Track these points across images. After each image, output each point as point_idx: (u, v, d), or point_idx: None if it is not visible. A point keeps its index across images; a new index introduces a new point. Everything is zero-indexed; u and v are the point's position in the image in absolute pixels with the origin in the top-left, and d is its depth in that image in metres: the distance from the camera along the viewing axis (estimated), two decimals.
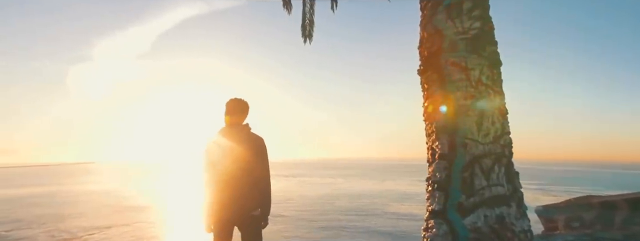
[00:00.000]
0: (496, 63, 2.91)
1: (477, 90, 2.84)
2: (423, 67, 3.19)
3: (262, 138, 2.69)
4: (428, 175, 3.17)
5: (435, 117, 3.06)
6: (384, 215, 12.94)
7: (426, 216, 3.08)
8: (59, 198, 20.84)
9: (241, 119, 2.67)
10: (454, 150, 2.88)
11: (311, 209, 14.75)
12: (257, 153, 2.62)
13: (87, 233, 11.76)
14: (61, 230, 12.26)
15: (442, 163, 2.97)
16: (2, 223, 13.49)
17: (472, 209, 2.73)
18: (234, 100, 2.71)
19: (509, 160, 2.84)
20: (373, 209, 14.33)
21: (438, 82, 3.02)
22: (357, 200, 17.30)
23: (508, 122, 2.93)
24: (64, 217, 14.16)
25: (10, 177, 51.56)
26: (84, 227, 12.47)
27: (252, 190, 2.59)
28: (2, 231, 12.35)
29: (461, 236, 2.69)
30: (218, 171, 2.58)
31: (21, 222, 13.40)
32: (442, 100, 2.99)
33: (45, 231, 12.13)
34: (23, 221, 13.64)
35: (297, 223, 11.54)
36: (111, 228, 12.43)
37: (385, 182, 28.72)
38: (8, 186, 32.93)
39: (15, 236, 11.77)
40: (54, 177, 50.16)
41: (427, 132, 3.21)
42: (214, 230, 2.61)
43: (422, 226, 3.12)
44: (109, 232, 11.90)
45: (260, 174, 2.62)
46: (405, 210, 14.00)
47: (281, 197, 17.80)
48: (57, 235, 11.68)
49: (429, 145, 3.18)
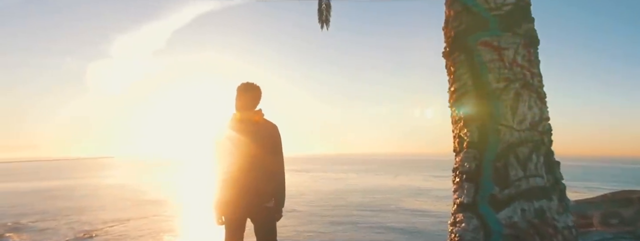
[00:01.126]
0: (533, 41, 2.58)
1: (512, 71, 2.52)
2: (449, 48, 2.88)
3: (276, 126, 2.43)
4: (455, 165, 2.86)
5: (463, 102, 2.74)
6: (397, 211, 12.59)
7: (453, 209, 2.78)
8: (79, 192, 21.16)
9: (253, 105, 2.42)
10: (485, 137, 2.57)
11: (324, 204, 14.50)
12: (270, 142, 2.37)
13: (107, 225, 11.79)
14: (82, 221, 12.33)
15: (471, 152, 2.66)
16: (27, 214, 13.68)
17: (506, 202, 2.42)
18: (245, 84, 2.46)
19: (549, 148, 2.51)
20: (386, 205, 13.98)
21: (466, 64, 2.71)
22: (370, 195, 16.96)
23: (547, 107, 2.59)
24: (85, 210, 14.28)
25: (33, 171, 53.03)
26: (104, 220, 12.52)
27: (264, 180, 2.34)
28: (28, 222, 12.51)
29: (495, 232, 2.39)
30: (229, 160, 2.34)
31: (45, 214, 13.56)
32: (471, 84, 2.68)
33: (67, 222, 12.22)
34: (47, 213, 13.80)
35: (309, 218, 11.30)
36: (129, 221, 12.44)
37: (398, 177, 28.19)
38: (32, 179, 33.79)
39: (40, 227, 11.89)
40: (74, 171, 51.31)
41: (454, 119, 2.90)
42: (225, 222, 2.37)
43: (449, 221, 2.82)
44: (127, 224, 11.91)
45: (274, 163, 2.37)
46: (419, 206, 13.61)
47: (294, 192, 17.62)
48: (78, 226, 11.75)
49: (456, 133, 2.87)
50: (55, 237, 10.65)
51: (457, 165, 2.84)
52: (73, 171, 51.15)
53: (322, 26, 3.78)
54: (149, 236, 10.31)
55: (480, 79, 2.62)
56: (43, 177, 37.79)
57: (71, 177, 36.23)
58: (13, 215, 13.50)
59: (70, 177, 37.35)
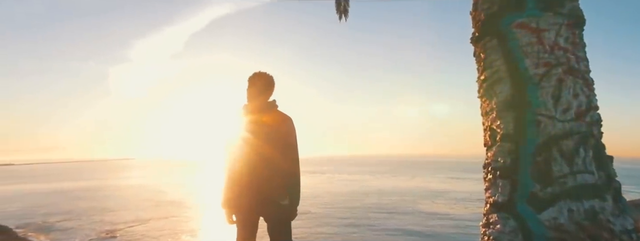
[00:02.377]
0: (578, 22, 2.24)
1: (553, 55, 2.20)
2: (478, 33, 2.57)
3: (290, 118, 2.17)
4: (486, 160, 2.54)
5: (496, 91, 2.43)
6: (413, 213, 12.13)
7: (486, 209, 2.45)
8: (102, 192, 21.48)
9: (266, 96, 2.18)
10: (522, 129, 2.25)
11: (339, 206, 14.15)
12: (282, 135, 2.11)
13: (127, 225, 11.80)
14: (104, 221, 12.39)
15: (505, 145, 2.34)
16: (53, 214, 13.87)
17: (550, 201, 2.09)
18: (257, 74, 2.21)
19: (598, 141, 2.16)
20: (403, 207, 13.52)
21: (499, 50, 2.40)
22: (386, 197, 16.49)
23: (595, 95, 2.24)
24: (107, 210, 14.39)
25: (58, 172, 54.68)
26: (125, 220, 12.54)
27: (278, 176, 2.07)
28: (55, 221, 12.67)
29: (537, 235, 2.06)
30: (238, 155, 2.09)
31: (70, 214, 13.71)
32: (505, 71, 2.37)
33: (91, 222, 12.31)
34: (72, 213, 13.95)
35: (324, 220, 10.99)
36: (150, 221, 12.43)
37: (415, 179, 27.49)
38: (57, 180, 34.73)
39: (64, 226, 12.01)
40: (97, 172, 52.61)
41: (484, 110, 2.58)
42: (236, 222, 2.11)
43: (481, 222, 2.50)
44: (147, 225, 11.89)
45: (287, 158, 2.10)
46: (437, 208, 13.10)
47: (309, 194, 17.33)
48: (100, 226, 11.80)
49: (487, 125, 2.55)
50: (80, 236, 10.70)
51: (488, 160, 2.51)
52: (96, 172, 52.45)
53: (340, 17, 3.53)
54: (168, 236, 10.23)
55: (515, 65, 2.30)
56: (68, 178, 38.80)
57: (94, 178, 37.05)
58: (41, 214, 13.72)
59: (93, 178, 38.21)
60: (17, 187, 27.60)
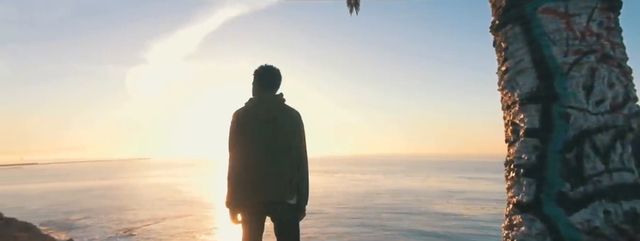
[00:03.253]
0: (614, 5, 2.01)
1: (585, 42, 1.97)
2: (499, 21, 2.37)
3: (298, 112, 2.03)
4: (508, 157, 2.33)
5: (519, 82, 2.22)
6: (427, 214, 11.82)
7: (508, 210, 2.24)
8: (119, 191, 21.91)
9: (274, 89, 2.04)
10: (550, 123, 2.04)
11: (351, 206, 13.94)
12: (292, 129, 1.96)
13: (144, 223, 11.92)
14: (122, 220, 12.55)
15: (530, 141, 2.13)
16: (74, 212, 14.15)
17: (582, 202, 1.87)
18: (265, 67, 2.08)
19: (638, 136, 1.93)
20: (416, 207, 13.21)
21: (522, 38, 2.19)
22: (399, 197, 16.17)
23: (634, 84, 2.00)
24: (125, 208, 14.60)
25: (79, 171, 56.38)
26: (141, 218, 12.67)
27: (285, 173, 1.91)
28: (76, 219, 12.93)
29: (567, 238, 1.85)
30: (246, 149, 1.94)
31: (89, 212, 13.96)
32: (529, 60, 2.16)
33: (108, 220, 12.49)
34: (91, 211, 14.21)
35: (336, 220, 10.81)
36: (166, 220, 12.52)
37: (428, 179, 26.97)
38: (79, 179, 35.74)
39: (84, 224, 12.22)
40: (115, 171, 53.99)
41: (505, 104, 2.37)
42: (242, 221, 1.97)
43: (503, 223, 2.29)
44: (163, 224, 11.97)
45: (296, 153, 1.95)
46: (451, 209, 12.73)
47: (321, 193, 17.17)
48: (118, 224, 11.95)
49: (508, 120, 2.34)
50: (99, 234, 10.86)
51: (510, 157, 2.30)
52: (114, 171, 53.84)
53: (351, 10, 3.36)
54: (183, 234, 10.26)
55: (541, 54, 2.09)
56: (88, 177, 39.92)
57: (112, 177, 37.96)
58: (63, 212, 14.02)
59: (111, 177, 39.16)
60: (41, 186, 28.45)
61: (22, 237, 7.67)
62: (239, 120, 2.00)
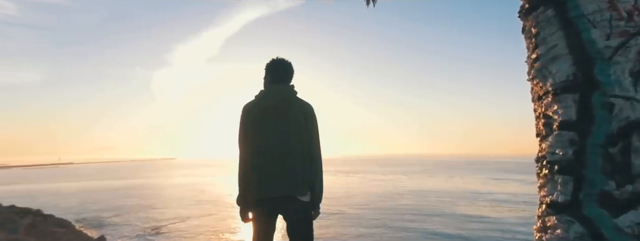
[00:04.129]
0: None
1: (632, 23, 1.74)
2: (529, 4, 2.15)
3: (310, 105, 1.91)
4: (539, 153, 2.11)
5: (552, 69, 2.00)
6: (451, 216, 11.41)
7: (541, 211, 2.03)
8: (146, 190, 22.66)
9: (283, 82, 1.94)
10: (589, 114, 1.81)
11: (373, 207, 13.69)
12: (303, 122, 1.83)
13: (170, 222, 12.22)
14: (149, 218, 12.91)
15: (566, 134, 1.90)
16: (105, 210, 14.72)
17: (630, 202, 1.64)
18: (277, 60, 1.98)
19: None
20: (439, 208, 12.79)
21: (556, 21, 1.97)
22: (422, 198, 15.74)
23: None
24: (151, 207, 15.03)
25: (111, 171, 58.94)
26: (167, 217, 12.99)
27: (296, 167, 1.79)
28: (105, 216, 13.45)
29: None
30: (256, 143, 1.83)
31: (119, 210, 14.47)
32: (564, 46, 1.94)
33: (136, 218, 12.89)
34: (120, 209, 14.72)
35: (357, 221, 10.61)
36: (190, 218, 12.77)
37: (452, 180, 26.16)
38: (109, 178, 37.35)
39: (114, 222, 12.68)
40: (143, 171, 56.04)
41: (536, 95, 2.16)
42: (252, 220, 1.86)
43: (535, 226, 2.07)
44: (188, 222, 12.23)
45: (309, 148, 1.83)
46: (476, 211, 12.23)
47: (343, 193, 17.00)
48: (145, 222, 12.31)
49: (540, 112, 2.12)
50: (127, 232, 11.23)
51: (543, 152, 2.07)
52: (142, 171, 55.93)
53: (368, 3, 3.21)
54: (207, 233, 10.42)
55: (579, 38, 1.86)
56: (118, 176, 41.71)
57: (140, 177, 39.42)
58: (94, 210, 14.63)
59: (139, 176, 40.68)
60: (75, 184, 29.92)
61: (59, 233, 8.00)
62: (248, 113, 1.90)
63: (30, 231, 7.47)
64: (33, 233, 7.42)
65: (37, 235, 7.40)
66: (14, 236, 6.47)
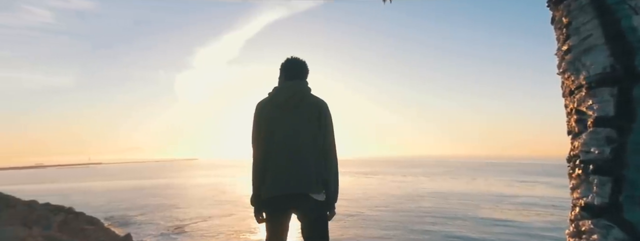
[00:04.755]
0: None
1: None
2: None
3: (324, 102, 1.85)
4: (572, 151, 1.96)
5: (586, 61, 1.85)
6: (475, 219, 11.02)
7: (574, 214, 1.88)
8: (170, 190, 23.28)
9: (297, 80, 1.89)
10: (630, 109, 1.66)
11: (392, 208, 13.44)
12: (316, 118, 1.77)
13: (192, 221, 12.46)
14: (172, 217, 13.22)
15: (602, 131, 1.75)
16: (131, 208, 15.19)
17: None
18: (289, 59, 1.94)
19: None
20: (462, 211, 12.39)
21: (591, 9, 1.83)
22: (444, 200, 15.32)
23: None
24: (175, 206, 15.40)
25: (137, 171, 61.14)
26: (190, 216, 13.26)
27: (309, 164, 1.72)
28: (131, 215, 13.89)
29: None
30: (269, 140, 1.79)
31: (144, 209, 14.90)
32: (599, 35, 1.79)
33: (162, 217, 13.23)
34: (145, 208, 15.15)
35: (376, 223, 10.42)
36: (212, 218, 12.98)
37: (475, 182, 25.35)
38: (136, 178, 38.68)
39: (139, 220, 13.07)
40: (166, 171, 57.78)
41: (567, 89, 2.00)
42: (265, 219, 1.81)
43: (567, 231, 1.92)
44: (210, 222, 12.43)
45: (323, 145, 1.76)
46: (501, 215, 11.76)
47: (361, 195, 16.82)
48: (169, 221, 12.61)
49: (572, 108, 1.97)
50: (152, 230, 11.55)
51: (575, 151, 1.92)
52: (165, 171, 57.66)
53: (384, 0, 3.12)
54: (228, 233, 10.55)
55: (618, 26, 1.71)
56: (143, 176, 43.17)
57: (164, 177, 40.62)
58: (122, 208, 15.15)
59: (163, 176, 41.94)
60: (104, 183, 31.18)
61: (89, 230, 8.30)
62: (261, 110, 1.86)
63: (62, 228, 7.76)
64: (65, 229, 7.71)
65: (68, 231, 7.69)
66: (47, 232, 6.72)
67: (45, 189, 26.07)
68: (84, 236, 7.91)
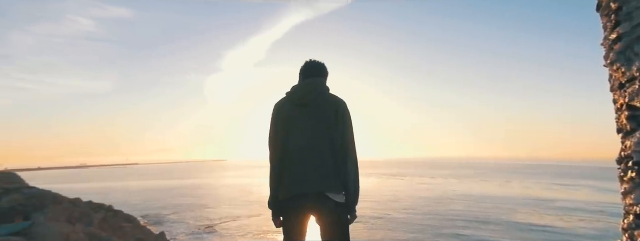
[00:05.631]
0: None
1: None
2: None
3: (343, 101, 1.76)
4: (623, 152, 1.75)
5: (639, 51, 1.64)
6: (508, 224, 10.45)
7: (628, 222, 1.67)
8: (200, 190, 24.02)
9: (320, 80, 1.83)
10: None
11: (422, 211, 13.06)
12: (333, 116, 1.68)
13: (222, 221, 12.76)
14: (203, 217, 13.60)
15: None
16: (165, 208, 15.79)
17: None
18: (309, 61, 1.87)
19: None
20: (495, 215, 11.81)
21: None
22: (477, 204, 14.68)
23: None
24: (205, 206, 15.83)
25: (169, 171, 63.63)
26: (220, 216, 13.57)
27: (326, 163, 1.63)
28: (165, 214, 14.45)
29: None
30: (286, 140, 1.71)
31: (176, 208, 15.44)
32: None
33: (193, 217, 13.65)
34: (178, 207, 15.70)
35: (405, 226, 10.14)
36: (241, 218, 13.22)
37: (510, 184, 24.11)
38: (169, 178, 40.30)
39: (172, 219, 13.55)
40: (196, 171, 59.67)
41: (617, 83, 1.79)
42: (283, 223, 1.72)
43: (619, 240, 1.72)
44: (239, 222, 12.67)
45: (341, 145, 1.67)
46: (540, 220, 11.07)
47: (389, 197, 16.50)
48: (200, 221, 12.99)
49: (623, 103, 1.76)
50: (184, 229, 11.94)
51: (628, 152, 1.71)
52: (196, 172, 59.67)
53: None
54: (256, 233, 10.70)
55: None
56: (175, 176, 44.96)
57: (194, 177, 42.06)
58: (156, 207, 15.79)
59: (193, 177, 43.41)
60: (140, 183, 32.80)
61: (127, 228, 8.67)
62: (279, 110, 1.79)
63: (102, 225, 8.14)
64: (105, 227, 8.08)
65: (108, 228, 8.05)
66: (89, 229, 7.02)
67: (88, 187, 27.76)
68: (122, 234, 8.25)
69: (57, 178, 47.04)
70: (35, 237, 4.26)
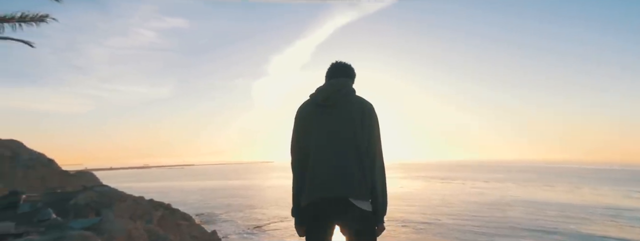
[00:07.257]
0: None
1: None
2: None
3: (369, 103, 1.64)
4: None
5: None
6: (577, 236, 9.40)
7: None
8: (249, 191, 24.90)
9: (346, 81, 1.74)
10: None
11: (476, 218, 12.30)
12: (359, 118, 1.57)
13: (270, 221, 13.07)
14: (252, 217, 14.06)
15: None
16: (217, 207, 16.60)
17: None
18: (336, 63, 1.80)
19: None
20: (562, 225, 10.71)
21: None
22: (538, 211, 13.47)
23: None
24: (254, 206, 16.37)
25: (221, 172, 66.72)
26: (268, 216, 13.94)
27: (351, 167, 1.51)
28: (218, 213, 15.15)
29: None
30: (308, 143, 1.63)
31: (228, 208, 16.16)
32: None
33: (243, 216, 14.17)
34: (229, 207, 16.44)
35: (456, 233, 9.57)
36: (287, 219, 13.51)
37: (578, 190, 21.83)
38: (221, 179, 42.39)
39: (224, 219, 14.18)
40: (245, 172, 61.93)
41: None
42: (306, 232, 1.62)
43: None
44: (286, 222, 12.93)
45: (366, 148, 1.55)
46: (618, 232, 9.81)
47: (438, 201, 15.79)
48: (249, 221, 13.45)
49: None
50: (234, 229, 12.43)
51: None
52: (245, 173, 62.00)
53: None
54: None
55: None
56: (226, 177, 47.16)
57: (244, 178, 43.73)
58: (210, 206, 16.66)
59: (242, 178, 45.18)
60: (195, 183, 34.93)
61: (184, 225, 9.24)
62: (301, 111, 1.72)
63: (161, 222, 8.73)
64: (163, 224, 8.66)
65: (166, 226, 8.62)
66: (149, 226, 7.56)
67: (150, 187, 30.16)
68: (178, 231, 8.77)
69: (123, 177, 51.78)
70: (103, 232, 4.66)
